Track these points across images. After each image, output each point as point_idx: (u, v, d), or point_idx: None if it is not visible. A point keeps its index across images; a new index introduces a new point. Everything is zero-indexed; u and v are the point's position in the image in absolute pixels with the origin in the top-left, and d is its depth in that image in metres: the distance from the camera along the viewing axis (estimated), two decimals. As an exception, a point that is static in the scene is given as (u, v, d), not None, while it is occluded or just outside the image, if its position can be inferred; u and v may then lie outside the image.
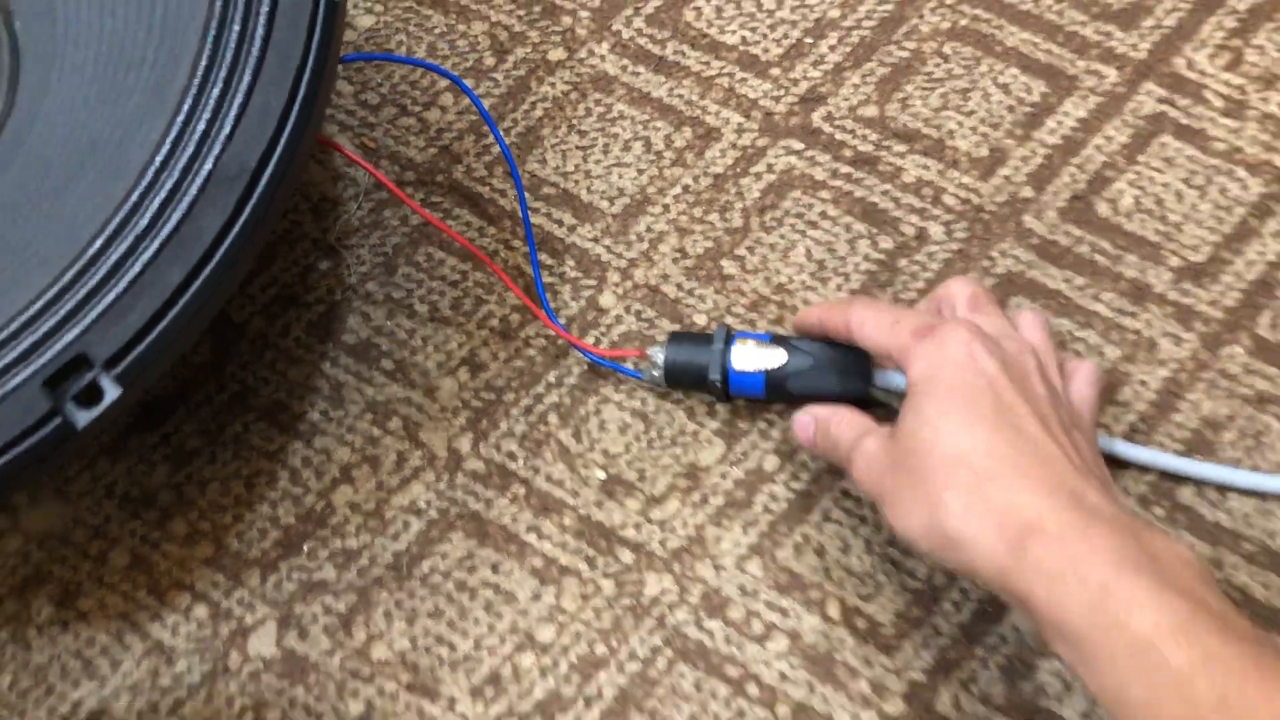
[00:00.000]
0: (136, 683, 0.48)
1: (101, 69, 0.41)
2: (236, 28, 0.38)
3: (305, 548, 0.49)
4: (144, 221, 0.35)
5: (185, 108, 0.37)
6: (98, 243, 0.35)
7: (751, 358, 0.49)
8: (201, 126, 0.37)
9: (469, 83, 0.57)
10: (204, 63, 0.38)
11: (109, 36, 0.42)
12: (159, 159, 0.36)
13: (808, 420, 0.47)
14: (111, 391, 0.34)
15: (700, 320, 0.53)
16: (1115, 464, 0.49)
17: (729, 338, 0.49)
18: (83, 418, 0.34)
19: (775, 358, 0.48)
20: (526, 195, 0.55)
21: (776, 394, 0.49)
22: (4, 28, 0.45)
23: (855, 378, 0.48)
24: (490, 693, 0.47)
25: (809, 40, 0.58)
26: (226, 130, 0.36)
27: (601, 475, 0.50)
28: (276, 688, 0.47)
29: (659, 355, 0.50)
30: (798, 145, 0.56)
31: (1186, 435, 0.50)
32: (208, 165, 0.36)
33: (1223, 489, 0.49)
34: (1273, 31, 0.57)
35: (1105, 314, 0.52)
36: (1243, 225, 0.53)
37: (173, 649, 0.48)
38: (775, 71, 0.58)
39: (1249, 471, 0.49)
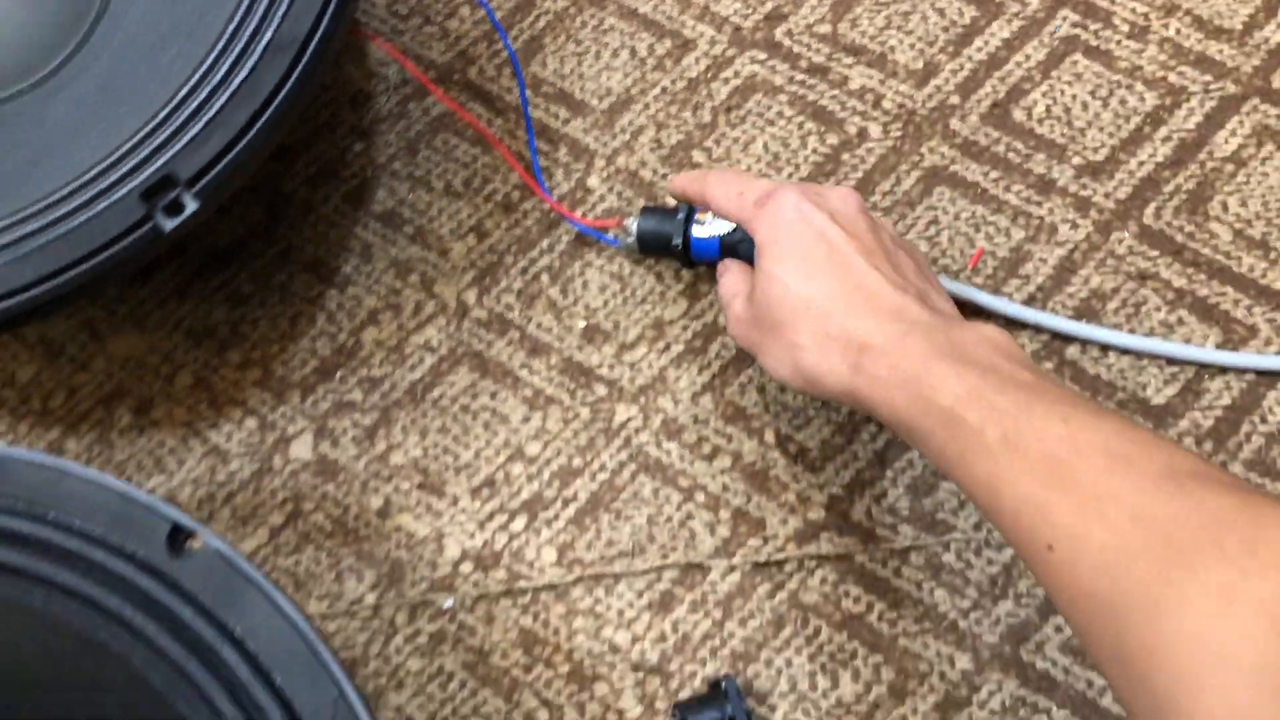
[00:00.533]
0: (198, 477, 0.58)
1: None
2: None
3: (338, 375, 0.60)
4: (218, 77, 0.45)
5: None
6: (183, 92, 0.45)
7: (708, 226, 0.58)
8: (263, 7, 0.47)
9: (484, -2, 0.67)
10: (266, -42, 0.48)
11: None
12: (230, 30, 0.46)
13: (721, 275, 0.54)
14: (191, 205, 0.44)
15: (672, 201, 0.62)
16: (1013, 325, 0.59)
17: (690, 210, 0.59)
18: (168, 224, 0.44)
19: (727, 226, 0.58)
20: (528, 93, 0.64)
21: (730, 257, 0.59)
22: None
23: (793, 243, 0.58)
24: (486, 493, 0.57)
25: (776, -32, 0.68)
26: (282, 9, 0.46)
27: (583, 324, 0.60)
28: (312, 484, 0.58)
29: (633, 224, 0.59)
30: (761, 56, 0.65)
31: (1076, 304, 0.59)
32: (268, 35, 0.46)
33: (1104, 348, 0.58)
34: (1178, -32, 0.66)
35: (1015, 202, 0.61)
36: (1137, 131, 0.62)
37: (227, 451, 0.58)
38: (745, -6, 0.67)
39: (1127, 334, 0.58)
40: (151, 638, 0.40)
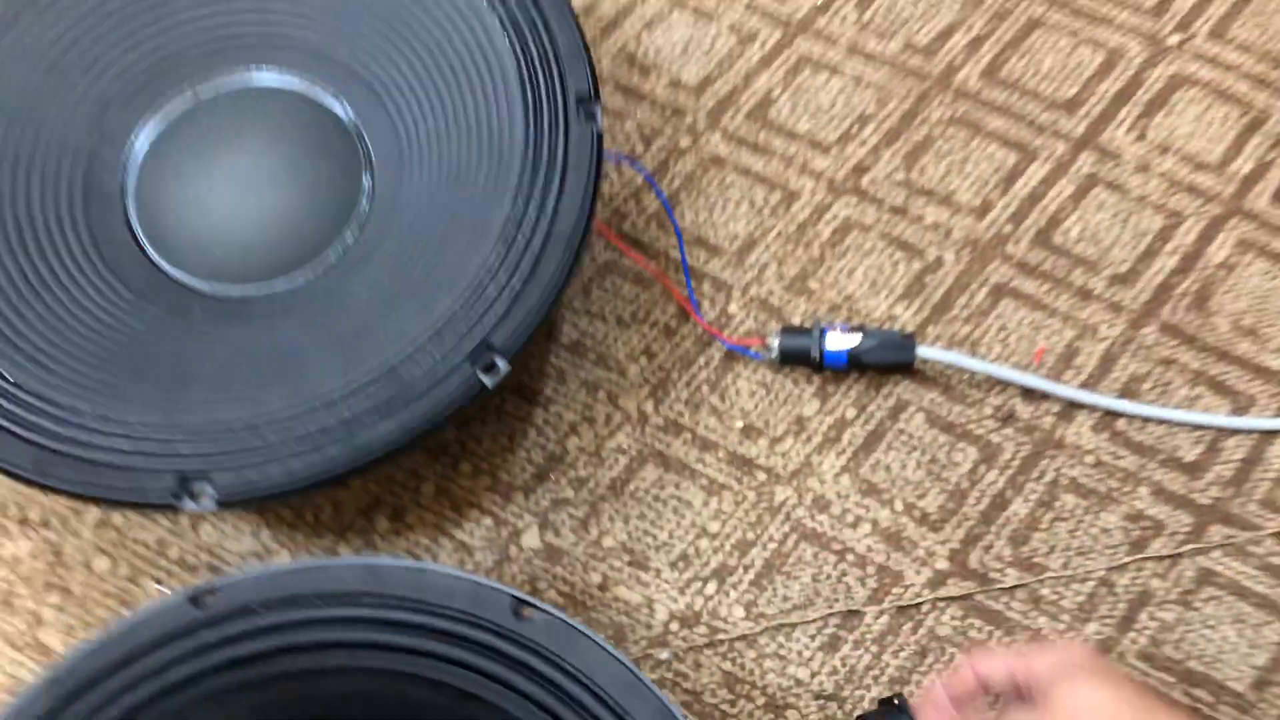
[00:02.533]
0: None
1: (443, 168, 0.66)
2: (546, 147, 0.63)
3: (552, 476, 0.74)
4: (513, 263, 0.60)
5: (521, 195, 0.62)
6: (482, 276, 0.60)
7: (839, 341, 0.74)
8: (534, 206, 0.61)
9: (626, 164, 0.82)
10: (527, 171, 0.62)
11: (444, 147, 0.66)
12: (514, 221, 0.60)
13: None
14: (504, 367, 0.58)
15: (796, 319, 0.78)
16: (1075, 405, 0.76)
17: (822, 328, 0.75)
18: (489, 381, 0.58)
19: (854, 340, 0.74)
20: (670, 239, 0.80)
21: (855, 364, 0.75)
22: (357, 140, 0.69)
23: (906, 350, 0.74)
24: (682, 565, 0.72)
25: (855, 128, 0.85)
26: (552, 205, 0.61)
27: (740, 424, 0.75)
28: (542, 567, 0.72)
29: (775, 341, 0.75)
30: (853, 201, 0.82)
31: (1119, 386, 0.76)
32: (544, 229, 0.61)
33: (1144, 420, 0.75)
34: (1164, 116, 0.84)
35: (1063, 309, 0.78)
36: (1150, 247, 0.80)
37: (471, 546, 0.72)
38: (833, 151, 0.84)
39: (1160, 407, 0.75)
40: (513, 683, 0.54)
